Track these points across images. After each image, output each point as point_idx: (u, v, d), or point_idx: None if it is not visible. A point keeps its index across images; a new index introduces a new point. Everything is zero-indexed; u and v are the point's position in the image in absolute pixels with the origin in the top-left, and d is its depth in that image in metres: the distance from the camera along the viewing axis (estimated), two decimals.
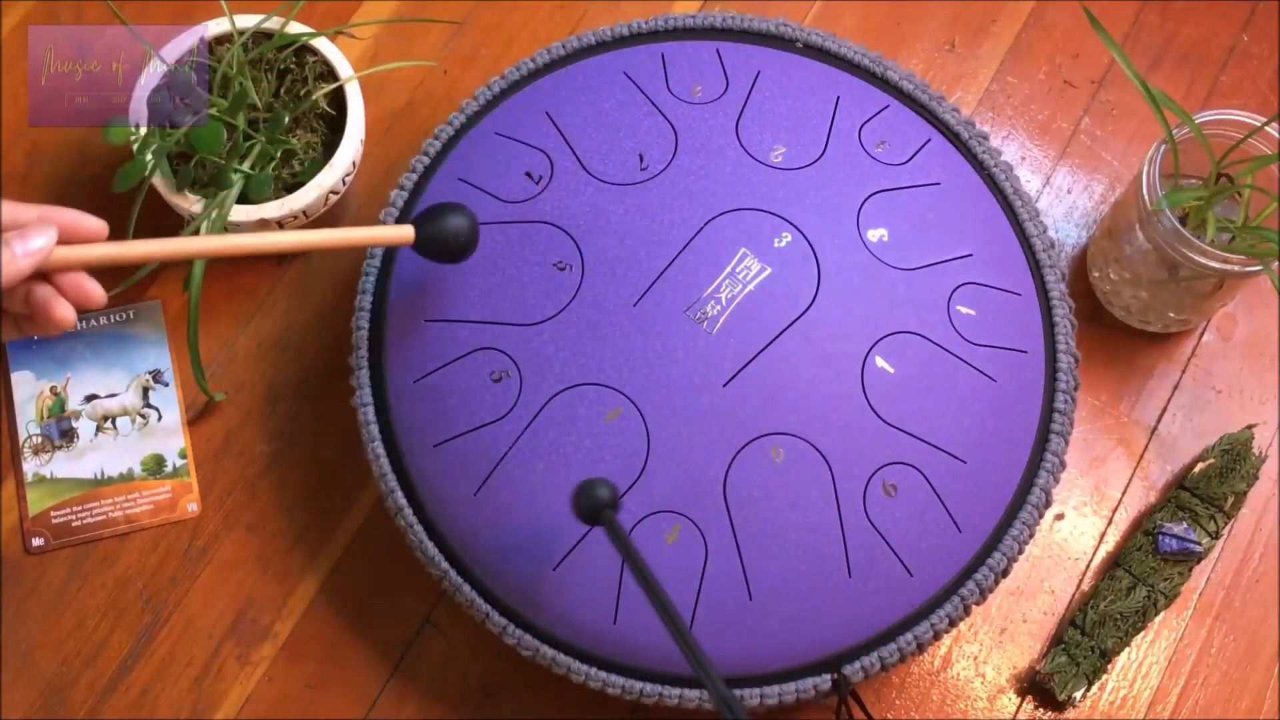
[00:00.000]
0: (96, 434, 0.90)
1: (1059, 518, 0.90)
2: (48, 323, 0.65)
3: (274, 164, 0.88)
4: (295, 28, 0.89)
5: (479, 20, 1.00)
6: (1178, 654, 0.87)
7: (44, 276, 0.65)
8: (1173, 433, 0.92)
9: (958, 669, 0.87)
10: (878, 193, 0.83)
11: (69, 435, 0.90)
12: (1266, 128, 0.81)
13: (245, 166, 0.87)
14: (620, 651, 0.77)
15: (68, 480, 0.89)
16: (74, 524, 0.88)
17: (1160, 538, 0.86)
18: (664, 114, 0.84)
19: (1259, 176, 0.82)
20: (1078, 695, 0.84)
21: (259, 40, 0.90)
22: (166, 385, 0.91)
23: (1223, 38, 1.00)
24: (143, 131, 0.86)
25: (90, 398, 0.90)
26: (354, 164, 0.90)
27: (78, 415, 0.90)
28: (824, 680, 0.77)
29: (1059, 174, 0.97)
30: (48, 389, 0.90)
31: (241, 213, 0.86)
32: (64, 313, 0.65)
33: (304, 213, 0.88)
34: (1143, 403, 0.92)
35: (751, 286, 0.79)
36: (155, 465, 0.89)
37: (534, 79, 0.88)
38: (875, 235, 0.81)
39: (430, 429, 0.80)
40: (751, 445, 0.77)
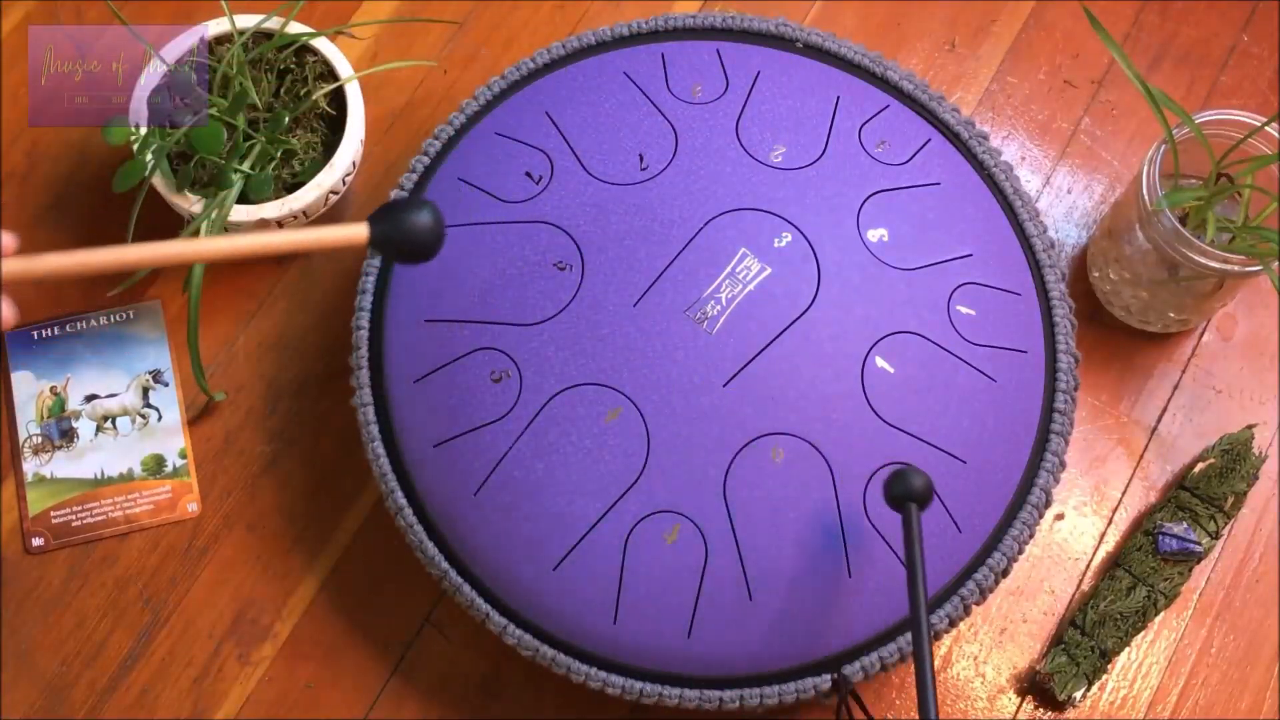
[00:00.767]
0: (96, 434, 0.90)
1: (1059, 518, 0.90)
2: None
3: (274, 164, 0.88)
4: (295, 28, 0.89)
5: (479, 20, 1.00)
6: (1178, 654, 0.87)
7: None
8: (1173, 433, 0.91)
9: (958, 669, 0.87)
10: (878, 193, 0.82)
11: (69, 435, 0.90)
12: (1266, 128, 0.81)
13: (245, 166, 0.87)
14: (620, 651, 0.77)
15: (68, 480, 0.89)
16: (74, 524, 0.88)
17: (1160, 538, 0.86)
18: (664, 114, 0.84)
19: (1259, 176, 0.82)
20: (1078, 695, 0.84)
21: (259, 40, 0.90)
22: (166, 385, 0.91)
23: (1223, 38, 1.00)
24: (143, 131, 0.86)
25: (90, 398, 0.90)
26: (354, 164, 0.90)
27: (78, 415, 0.90)
28: (824, 680, 0.77)
29: (1059, 174, 0.97)
30: (48, 389, 0.90)
31: (241, 213, 0.86)
32: None
33: (304, 213, 0.88)
34: (1143, 403, 0.92)
35: (751, 286, 0.79)
36: (155, 465, 0.89)
37: (534, 79, 0.88)
38: (875, 235, 0.81)
39: (430, 429, 0.80)
40: (752, 445, 0.77)
